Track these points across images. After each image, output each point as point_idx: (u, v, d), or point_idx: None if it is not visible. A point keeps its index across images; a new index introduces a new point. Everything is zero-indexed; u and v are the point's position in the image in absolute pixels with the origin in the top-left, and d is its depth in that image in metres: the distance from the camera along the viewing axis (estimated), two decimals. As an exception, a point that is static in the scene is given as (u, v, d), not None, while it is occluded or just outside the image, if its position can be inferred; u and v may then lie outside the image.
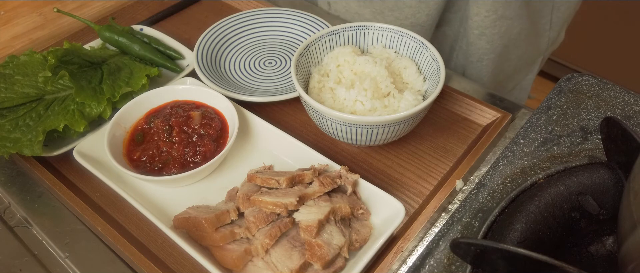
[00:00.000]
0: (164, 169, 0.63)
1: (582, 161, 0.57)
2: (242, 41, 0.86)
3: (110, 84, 0.71)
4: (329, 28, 0.71)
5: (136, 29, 0.84)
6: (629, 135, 0.48)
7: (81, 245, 0.59)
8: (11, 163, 0.69)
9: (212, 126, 0.66)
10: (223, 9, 0.97)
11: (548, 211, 0.50)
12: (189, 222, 0.55)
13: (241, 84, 0.79)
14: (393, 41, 0.71)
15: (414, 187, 0.64)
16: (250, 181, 0.60)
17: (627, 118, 0.62)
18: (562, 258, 0.40)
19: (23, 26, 0.93)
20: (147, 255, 0.56)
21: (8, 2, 0.97)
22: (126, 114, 0.67)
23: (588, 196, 0.51)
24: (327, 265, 0.52)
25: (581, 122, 0.62)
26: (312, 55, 0.70)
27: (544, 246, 0.49)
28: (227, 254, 0.53)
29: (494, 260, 0.45)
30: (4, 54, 0.85)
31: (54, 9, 0.82)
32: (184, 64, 0.82)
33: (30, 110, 0.67)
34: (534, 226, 0.49)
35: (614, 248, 0.50)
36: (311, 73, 0.69)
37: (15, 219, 0.63)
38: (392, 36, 0.70)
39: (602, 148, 0.56)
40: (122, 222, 0.61)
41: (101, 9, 0.95)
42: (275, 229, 0.54)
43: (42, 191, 0.66)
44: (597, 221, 0.51)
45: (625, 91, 0.64)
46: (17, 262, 0.58)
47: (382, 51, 0.70)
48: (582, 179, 0.52)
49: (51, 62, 0.67)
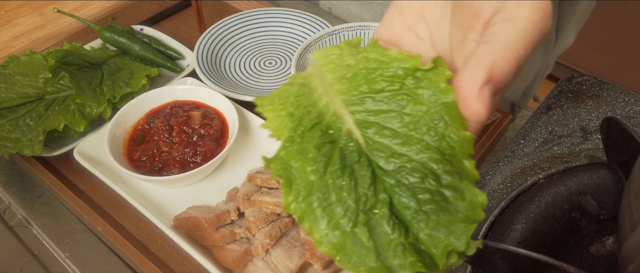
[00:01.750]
0: (164, 169, 0.63)
1: (582, 161, 0.57)
2: (242, 41, 0.86)
3: (110, 84, 0.71)
4: (329, 28, 0.71)
5: (136, 29, 0.84)
6: (629, 135, 0.48)
7: (81, 245, 0.59)
8: (11, 163, 0.69)
9: (213, 126, 0.66)
10: (223, 9, 0.97)
11: (548, 211, 0.50)
12: (189, 222, 0.55)
13: (241, 84, 0.79)
14: (393, 41, 0.71)
15: (414, 187, 0.64)
16: (251, 182, 0.60)
17: (627, 118, 0.62)
18: (562, 258, 0.40)
19: (23, 26, 0.93)
20: (147, 255, 0.56)
21: (8, 2, 0.98)
22: (126, 114, 0.67)
23: (588, 196, 0.51)
24: (327, 265, 0.52)
25: (581, 122, 0.62)
26: (312, 55, 0.70)
27: (544, 246, 0.49)
28: (227, 254, 0.53)
29: (494, 260, 0.46)
30: (4, 54, 0.85)
31: (54, 9, 0.82)
32: (184, 64, 0.82)
33: (31, 110, 0.67)
34: (534, 226, 0.49)
35: (614, 248, 0.50)
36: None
37: (15, 219, 0.63)
38: (392, 36, 0.70)
39: (602, 148, 0.56)
40: (123, 222, 0.61)
41: (101, 9, 0.95)
42: (275, 229, 0.54)
43: (42, 191, 0.66)
44: (597, 221, 0.51)
45: (625, 91, 0.64)
46: (17, 262, 0.58)
47: (382, 51, 0.70)
48: (582, 179, 0.52)
49: (51, 63, 0.67)
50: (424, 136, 0.35)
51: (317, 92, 0.39)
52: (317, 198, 0.35)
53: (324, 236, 0.33)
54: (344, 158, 0.36)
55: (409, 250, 0.32)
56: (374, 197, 0.34)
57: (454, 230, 0.32)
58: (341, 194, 0.34)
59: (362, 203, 0.34)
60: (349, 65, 0.39)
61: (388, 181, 0.35)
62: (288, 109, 0.39)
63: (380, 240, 0.33)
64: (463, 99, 0.33)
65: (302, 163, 0.36)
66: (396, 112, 0.36)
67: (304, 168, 0.36)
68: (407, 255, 0.32)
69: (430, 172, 0.34)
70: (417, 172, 0.34)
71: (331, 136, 0.37)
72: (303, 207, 0.34)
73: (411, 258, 0.32)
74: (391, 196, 0.34)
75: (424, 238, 0.32)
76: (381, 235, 0.33)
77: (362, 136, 0.36)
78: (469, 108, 0.33)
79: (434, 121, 0.35)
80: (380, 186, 0.35)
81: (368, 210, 0.34)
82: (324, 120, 0.37)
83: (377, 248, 0.32)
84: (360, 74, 0.38)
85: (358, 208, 0.34)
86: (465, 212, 0.32)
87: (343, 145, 0.36)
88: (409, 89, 0.36)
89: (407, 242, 0.32)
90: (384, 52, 0.38)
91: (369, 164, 0.35)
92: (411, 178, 0.34)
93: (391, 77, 0.37)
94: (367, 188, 0.35)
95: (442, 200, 0.33)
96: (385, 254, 0.32)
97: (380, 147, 0.36)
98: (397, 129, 0.36)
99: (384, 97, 0.37)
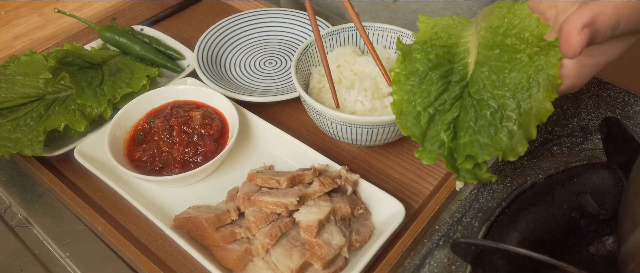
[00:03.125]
0: (164, 169, 0.63)
1: (582, 161, 0.57)
2: (242, 41, 0.86)
3: (110, 85, 0.71)
4: (329, 28, 0.71)
5: (137, 29, 0.84)
6: (629, 135, 0.48)
7: (82, 245, 0.60)
8: (12, 163, 0.69)
9: (213, 126, 0.66)
10: (223, 9, 0.97)
11: (548, 211, 0.51)
12: (190, 222, 0.55)
13: (241, 84, 0.79)
14: (393, 41, 0.71)
15: (414, 187, 0.64)
16: (251, 181, 0.60)
17: (627, 118, 0.62)
18: (562, 258, 0.40)
19: (24, 26, 0.93)
20: (147, 255, 0.56)
21: (9, 3, 0.98)
22: (127, 114, 0.67)
23: (588, 196, 0.51)
24: (327, 265, 0.52)
25: (581, 122, 0.62)
26: (313, 55, 0.70)
27: (544, 246, 0.49)
28: (227, 254, 0.53)
29: (494, 260, 0.46)
30: (5, 54, 0.85)
31: (55, 10, 0.82)
32: (184, 64, 0.82)
33: (31, 110, 0.67)
34: (534, 226, 0.49)
35: (614, 248, 0.50)
36: (311, 73, 0.70)
37: (16, 219, 0.63)
38: (392, 36, 0.71)
39: (602, 148, 0.56)
40: (123, 222, 0.61)
41: (101, 9, 0.95)
42: (275, 229, 0.54)
43: (43, 191, 0.66)
44: (597, 221, 0.51)
45: (625, 91, 0.65)
46: (17, 261, 0.58)
47: (382, 51, 0.70)
48: (582, 179, 0.52)
49: (51, 63, 0.67)
50: (517, 90, 0.45)
51: (470, 30, 0.52)
52: (413, 80, 0.49)
53: (399, 101, 0.48)
54: (451, 73, 0.49)
55: (445, 148, 0.46)
56: (450, 104, 0.47)
57: (484, 150, 0.44)
58: (430, 88, 0.48)
59: (440, 102, 0.47)
60: (503, 16, 0.50)
61: (468, 101, 0.47)
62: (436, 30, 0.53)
63: (432, 130, 0.47)
64: (565, 35, 0.40)
65: (422, 57, 0.50)
66: (510, 66, 0.46)
67: (419, 60, 0.49)
68: (441, 149, 0.46)
69: (502, 113, 0.45)
70: (492, 108, 0.45)
71: (453, 58, 0.49)
72: (401, 78, 0.49)
73: (442, 152, 0.45)
74: (462, 111, 0.47)
75: (461, 143, 0.45)
76: (434, 129, 0.47)
77: (474, 68, 0.48)
78: (569, 41, 0.40)
79: (531, 83, 0.45)
80: (459, 102, 0.47)
81: (439, 108, 0.47)
82: (458, 48, 0.50)
83: (425, 132, 0.47)
84: (503, 26, 0.49)
85: (434, 102, 0.47)
86: (503, 147, 0.44)
87: (455, 67, 0.49)
88: (529, 54, 0.46)
89: (448, 142, 0.46)
90: (530, 14, 0.48)
91: (464, 86, 0.48)
92: (485, 109, 0.45)
93: (521, 39, 0.47)
94: (450, 97, 0.47)
95: (494, 131, 0.44)
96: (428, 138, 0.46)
97: (480, 81, 0.47)
98: (502, 77, 0.46)
99: (509, 51, 0.47)
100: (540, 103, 0.44)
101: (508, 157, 0.44)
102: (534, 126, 0.44)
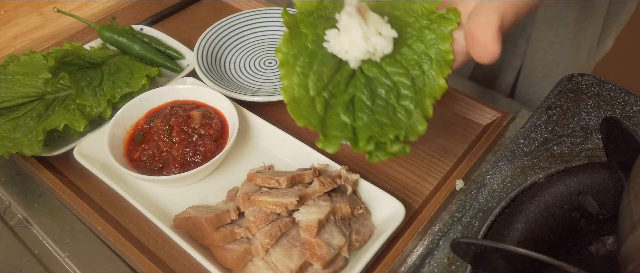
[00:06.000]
0: (164, 169, 0.63)
1: (582, 161, 0.57)
2: (242, 41, 0.86)
3: (110, 85, 0.71)
4: (329, 28, 0.71)
5: (136, 29, 0.84)
6: (629, 135, 0.48)
7: (81, 244, 0.59)
8: (11, 162, 0.69)
9: (212, 126, 0.66)
10: (223, 9, 0.97)
11: (548, 211, 0.50)
12: (189, 222, 0.55)
13: (241, 84, 0.79)
14: (393, 41, 0.71)
15: (414, 187, 0.64)
16: (251, 181, 0.60)
17: (627, 117, 0.62)
18: (562, 258, 0.40)
19: (23, 26, 0.93)
20: (147, 255, 0.56)
21: (8, 2, 0.98)
22: (126, 114, 0.67)
23: (588, 196, 0.51)
24: (327, 264, 0.52)
25: (581, 122, 0.62)
26: (312, 55, 0.69)
27: (544, 246, 0.49)
28: (227, 254, 0.53)
29: (494, 259, 0.46)
30: (4, 54, 0.85)
31: (54, 9, 0.82)
32: (184, 64, 0.82)
33: (31, 110, 0.67)
34: (534, 226, 0.49)
35: (614, 248, 0.50)
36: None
37: (15, 219, 0.63)
38: (392, 35, 0.70)
39: (602, 148, 0.56)
40: (123, 222, 0.61)
41: (101, 8, 0.95)
42: (275, 229, 0.54)
43: (43, 191, 0.66)
44: (597, 221, 0.51)
45: (625, 91, 0.64)
46: (17, 261, 0.58)
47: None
48: (582, 179, 0.52)
49: (51, 63, 0.67)
50: (410, 67, 0.43)
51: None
52: (303, 61, 0.44)
53: (290, 86, 0.43)
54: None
55: (348, 128, 0.42)
56: (344, 85, 0.44)
57: (385, 130, 0.41)
58: (322, 69, 0.44)
59: (333, 84, 0.44)
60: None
61: (361, 80, 0.44)
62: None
63: (331, 115, 0.42)
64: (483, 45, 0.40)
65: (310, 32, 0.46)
66: (400, 39, 0.44)
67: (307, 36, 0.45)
68: (343, 131, 0.42)
69: (397, 91, 0.43)
70: (387, 86, 0.43)
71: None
72: (289, 59, 0.44)
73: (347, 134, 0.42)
74: (356, 91, 0.44)
75: (360, 124, 0.42)
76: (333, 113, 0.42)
77: None
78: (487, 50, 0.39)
79: (423, 59, 0.43)
80: (353, 82, 0.44)
81: (334, 90, 0.43)
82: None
83: (323, 119, 0.42)
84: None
85: (327, 85, 0.44)
86: (404, 128, 0.42)
87: None
88: (419, 27, 0.44)
89: (350, 123, 0.42)
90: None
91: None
92: (380, 87, 0.43)
93: (412, 11, 0.45)
94: (343, 77, 0.44)
95: (392, 111, 0.43)
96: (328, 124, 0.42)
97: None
98: (393, 53, 0.44)
99: (399, 25, 0.44)
100: (433, 79, 0.42)
101: (409, 137, 0.41)
102: (431, 105, 0.42)
